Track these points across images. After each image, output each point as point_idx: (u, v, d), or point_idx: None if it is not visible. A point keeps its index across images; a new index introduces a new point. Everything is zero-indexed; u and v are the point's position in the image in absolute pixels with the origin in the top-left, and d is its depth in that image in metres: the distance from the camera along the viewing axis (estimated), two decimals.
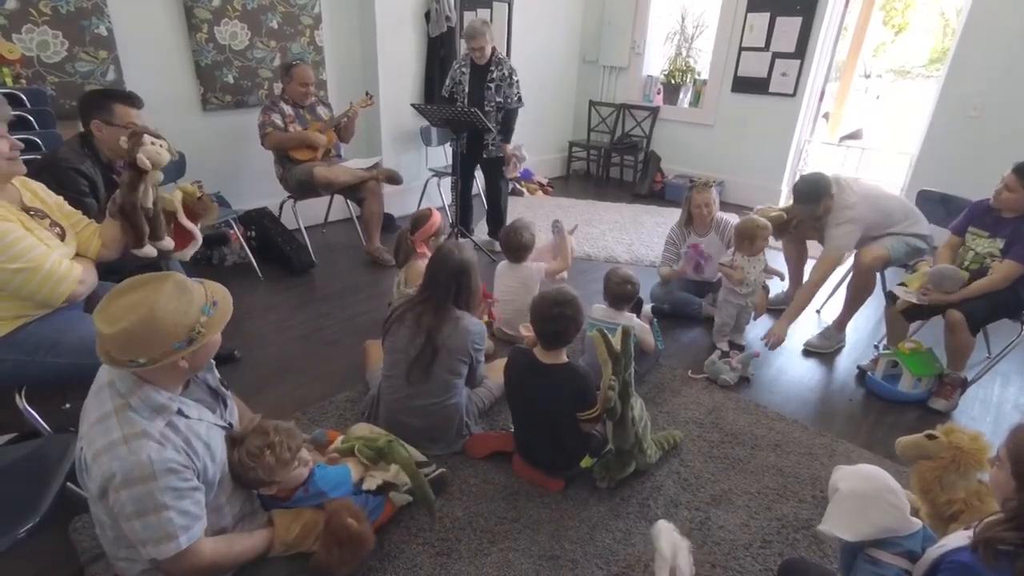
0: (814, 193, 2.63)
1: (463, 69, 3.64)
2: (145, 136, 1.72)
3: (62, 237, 1.68)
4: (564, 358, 1.85)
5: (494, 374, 2.23)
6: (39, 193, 1.71)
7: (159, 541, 1.10)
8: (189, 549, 1.14)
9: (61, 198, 1.79)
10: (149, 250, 1.80)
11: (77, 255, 1.75)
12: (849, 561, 1.18)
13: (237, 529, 1.34)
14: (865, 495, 1.11)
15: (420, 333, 1.89)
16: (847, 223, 2.61)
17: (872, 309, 3.19)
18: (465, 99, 3.62)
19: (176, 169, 3.17)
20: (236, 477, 1.33)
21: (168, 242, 1.85)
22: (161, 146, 1.75)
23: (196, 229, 1.95)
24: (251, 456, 1.31)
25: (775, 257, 4.07)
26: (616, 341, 1.70)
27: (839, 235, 2.62)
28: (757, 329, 3.04)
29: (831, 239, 2.65)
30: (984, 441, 1.46)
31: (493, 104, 3.61)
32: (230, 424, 1.38)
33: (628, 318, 2.37)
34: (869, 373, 2.55)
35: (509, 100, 3.64)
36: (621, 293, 2.32)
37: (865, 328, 3.08)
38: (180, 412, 1.17)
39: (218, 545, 1.24)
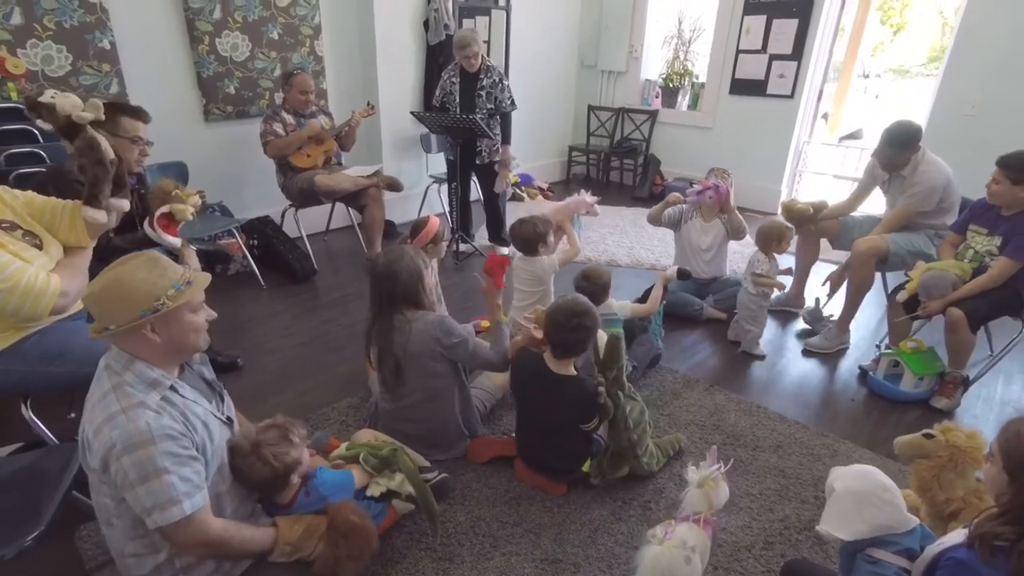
0: (909, 137, 2.57)
1: (453, 79, 3.67)
2: (40, 99, 1.56)
3: (40, 246, 1.63)
4: (573, 370, 1.83)
5: (498, 379, 2.24)
6: (6, 200, 1.65)
7: (163, 507, 1.13)
8: (195, 517, 1.17)
9: (30, 192, 1.71)
10: (118, 202, 1.71)
11: (68, 249, 1.71)
12: (848, 564, 1.18)
13: None
14: (860, 493, 1.11)
15: (378, 347, 1.89)
16: (934, 184, 2.56)
17: (874, 308, 3.19)
18: (456, 108, 3.65)
19: (179, 179, 3.19)
20: (248, 480, 1.37)
21: (120, 202, 1.74)
22: (60, 94, 1.59)
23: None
24: (268, 444, 1.38)
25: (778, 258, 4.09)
26: (601, 348, 1.73)
27: (921, 192, 2.58)
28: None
29: (915, 188, 2.60)
30: (981, 439, 1.46)
31: (485, 111, 3.64)
32: (229, 419, 1.41)
33: (617, 305, 2.42)
34: (871, 373, 2.55)
35: (502, 105, 3.67)
36: (579, 288, 2.35)
37: (867, 328, 3.07)
38: (174, 389, 1.23)
39: (225, 524, 1.27)
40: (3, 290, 1.48)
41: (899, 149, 2.60)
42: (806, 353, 2.85)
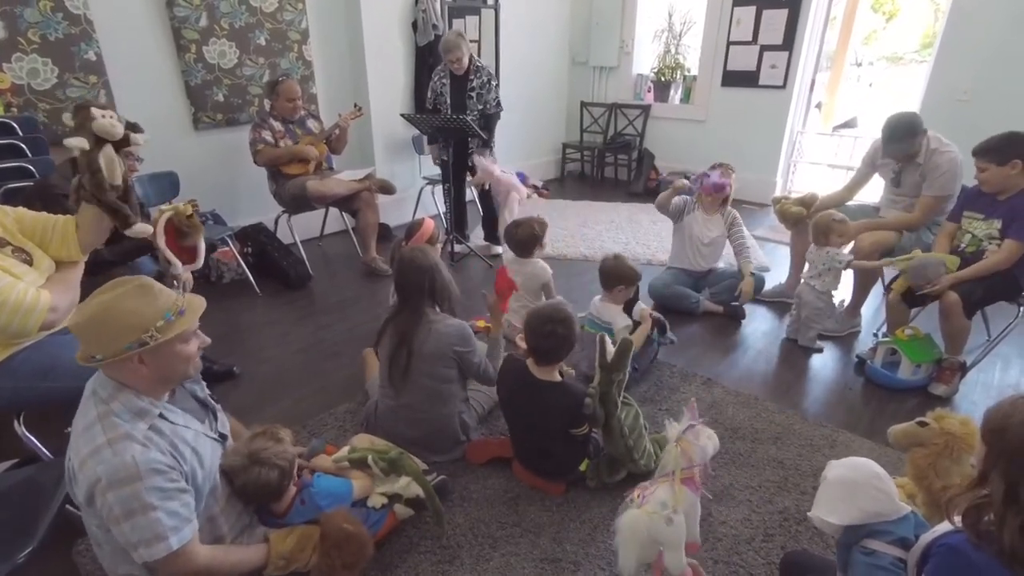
0: (911, 128, 2.54)
1: (443, 80, 3.67)
2: (94, 110, 1.60)
3: (30, 262, 1.63)
4: (557, 376, 1.83)
5: None
6: None
7: (149, 543, 1.11)
8: (182, 552, 1.15)
9: (21, 209, 1.70)
10: (143, 227, 1.70)
11: (59, 264, 1.70)
12: (845, 556, 1.18)
13: (234, 543, 1.35)
14: (852, 481, 1.11)
15: (396, 337, 1.89)
16: (955, 164, 2.52)
17: (871, 297, 3.18)
18: (448, 110, 3.65)
19: (170, 188, 3.20)
20: (255, 490, 1.37)
21: (144, 227, 1.75)
22: (112, 117, 1.62)
23: (198, 248, 1.94)
24: (264, 449, 1.38)
25: (774, 249, 4.09)
26: (609, 352, 1.71)
27: (944, 177, 2.53)
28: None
29: (937, 171, 2.55)
30: (974, 425, 1.45)
31: (476, 112, 3.63)
32: (222, 435, 1.40)
33: (615, 311, 2.38)
34: (868, 361, 2.54)
35: (488, 106, 3.66)
36: (602, 269, 2.41)
37: (864, 316, 3.06)
38: (163, 417, 1.20)
39: (213, 551, 1.25)
40: None
41: (907, 140, 2.58)
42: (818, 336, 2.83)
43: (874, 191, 3.05)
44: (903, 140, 2.58)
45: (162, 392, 1.24)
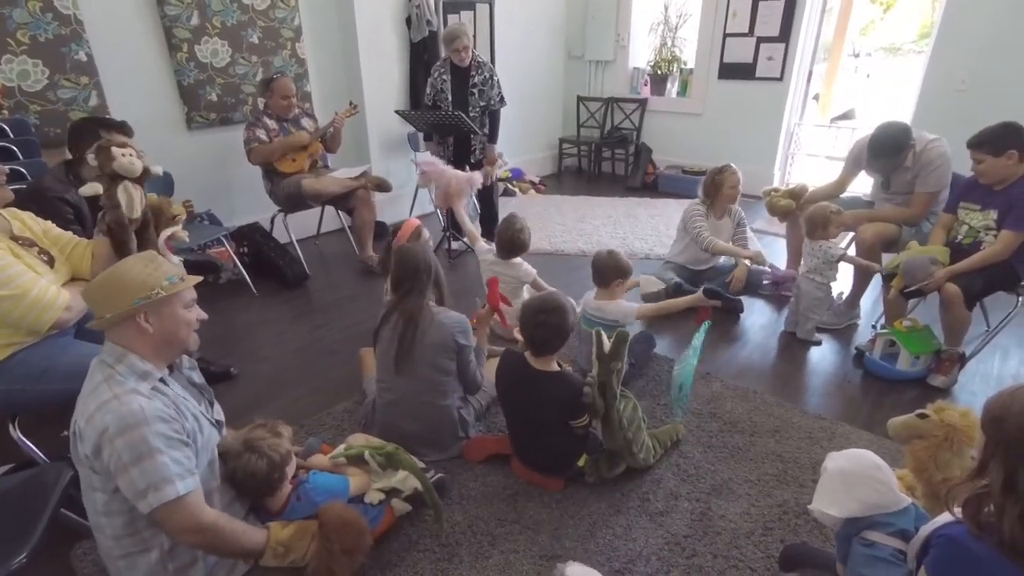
0: (897, 145, 2.53)
1: (444, 76, 3.63)
2: (114, 149, 1.73)
3: (51, 264, 1.70)
4: (555, 366, 1.83)
5: (489, 374, 2.23)
6: (27, 222, 1.73)
7: (158, 486, 1.14)
8: (189, 500, 1.18)
9: (49, 222, 1.80)
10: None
11: (74, 279, 1.76)
12: (845, 548, 1.17)
13: None
14: (851, 473, 1.11)
15: (403, 320, 1.89)
16: (945, 157, 2.51)
17: (869, 289, 3.17)
18: (449, 107, 3.62)
19: (164, 189, 3.18)
20: (245, 479, 1.38)
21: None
22: (131, 154, 1.76)
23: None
24: (261, 439, 1.40)
25: (772, 242, 4.08)
26: (607, 344, 1.71)
27: (937, 172, 2.51)
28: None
29: (929, 168, 2.53)
30: (975, 417, 1.43)
31: (478, 109, 3.61)
32: (218, 422, 1.43)
33: (617, 305, 2.36)
34: (867, 353, 2.54)
35: (492, 102, 3.64)
36: (598, 266, 2.36)
37: (863, 308, 3.06)
38: (163, 382, 1.26)
39: (219, 514, 1.27)
40: (12, 297, 1.51)
41: (893, 157, 2.56)
42: (817, 329, 2.81)
43: (865, 185, 3.04)
44: (890, 157, 2.57)
45: (163, 360, 1.30)
